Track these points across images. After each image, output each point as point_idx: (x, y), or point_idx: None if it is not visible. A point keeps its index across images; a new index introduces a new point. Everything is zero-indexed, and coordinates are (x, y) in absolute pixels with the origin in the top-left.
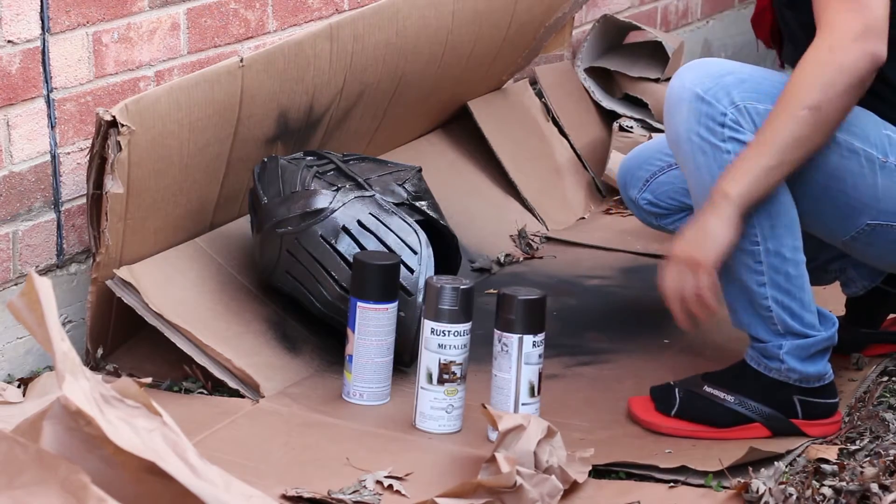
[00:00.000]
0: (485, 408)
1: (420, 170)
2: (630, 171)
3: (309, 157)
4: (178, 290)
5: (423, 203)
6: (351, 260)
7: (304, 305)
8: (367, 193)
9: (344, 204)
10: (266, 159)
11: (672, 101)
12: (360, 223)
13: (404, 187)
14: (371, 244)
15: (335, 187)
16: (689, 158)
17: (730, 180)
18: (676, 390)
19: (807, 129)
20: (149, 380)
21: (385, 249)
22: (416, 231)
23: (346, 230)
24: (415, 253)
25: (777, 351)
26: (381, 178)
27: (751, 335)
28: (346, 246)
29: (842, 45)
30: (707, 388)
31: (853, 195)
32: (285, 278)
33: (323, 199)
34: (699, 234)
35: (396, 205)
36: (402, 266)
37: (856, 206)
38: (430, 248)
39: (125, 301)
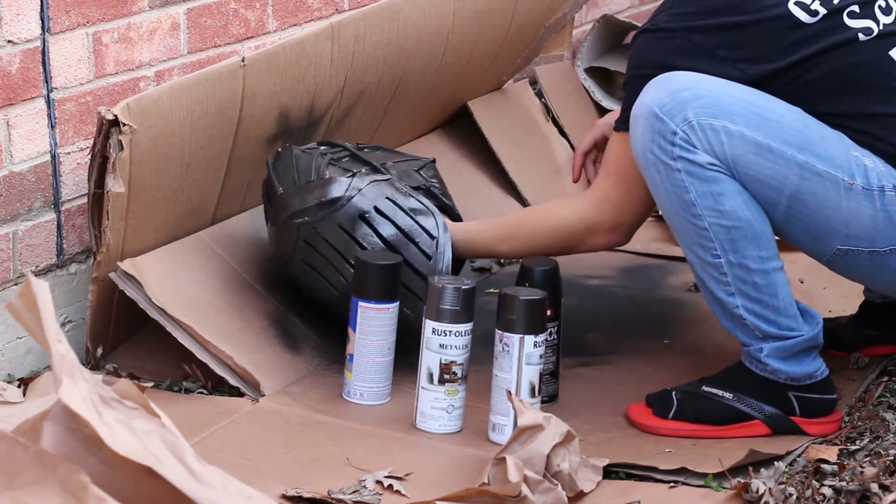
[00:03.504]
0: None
1: (434, 161)
2: None
3: (323, 147)
4: (181, 284)
5: (438, 191)
6: (369, 247)
7: (321, 294)
8: (384, 177)
9: (360, 190)
10: (280, 149)
11: (633, 117)
12: (377, 209)
13: (421, 174)
14: (388, 230)
15: (350, 173)
16: (647, 174)
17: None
18: (674, 394)
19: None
20: (150, 384)
21: (401, 234)
22: (434, 214)
23: (362, 217)
24: (432, 238)
25: (759, 354)
26: (397, 165)
27: (736, 338)
28: (363, 233)
29: (602, 227)
30: (705, 388)
31: (818, 218)
32: (302, 268)
33: (338, 188)
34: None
35: (414, 188)
36: (418, 251)
37: (823, 229)
38: (448, 233)
39: (128, 294)
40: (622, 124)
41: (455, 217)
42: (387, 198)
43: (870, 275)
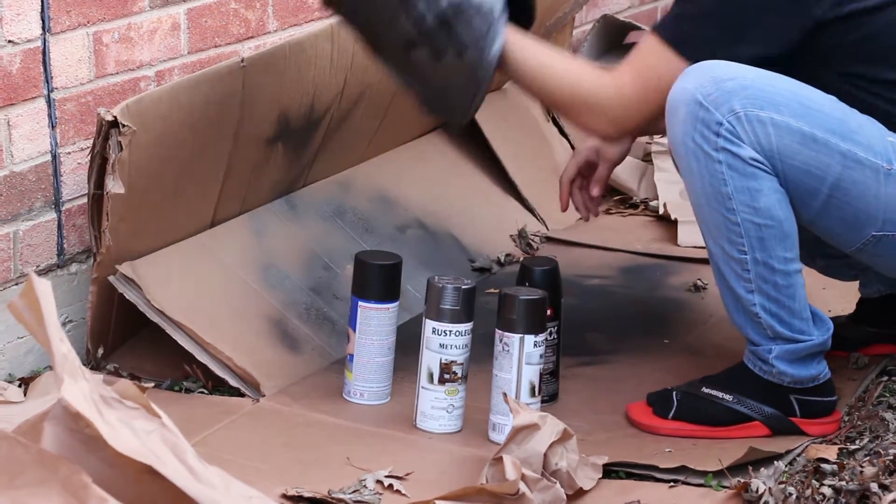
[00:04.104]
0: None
1: None
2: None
3: None
4: (179, 286)
5: None
6: None
7: (381, 31)
8: None
9: None
10: None
11: (672, 103)
12: None
13: None
14: None
15: None
16: (684, 162)
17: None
18: (674, 394)
19: (532, 81)
20: (151, 384)
21: None
22: None
23: None
24: None
25: (767, 355)
26: None
27: (744, 336)
28: None
29: (605, 114)
30: (705, 389)
31: (858, 206)
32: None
33: None
34: None
35: None
36: None
37: (861, 216)
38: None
39: (127, 297)
40: (665, 32)
41: None
42: None
43: None
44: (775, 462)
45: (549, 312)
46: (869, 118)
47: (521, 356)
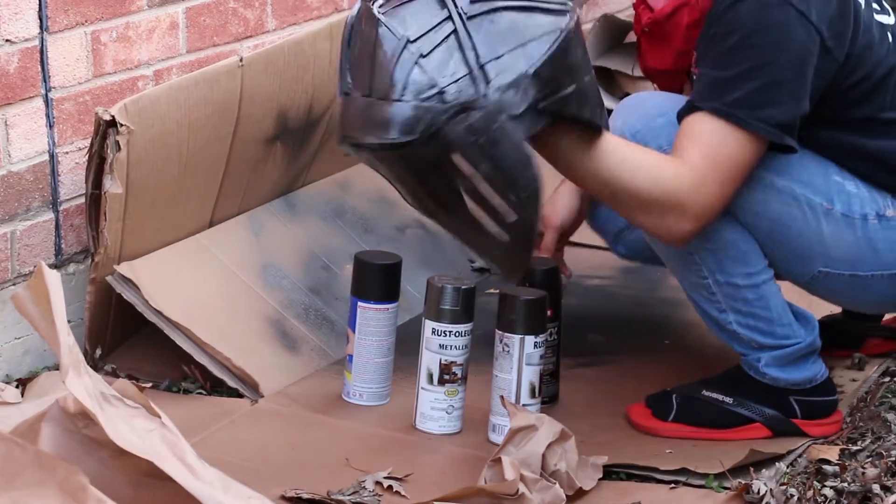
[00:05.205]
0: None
1: (568, 33)
2: (601, 220)
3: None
4: (178, 286)
5: (554, 98)
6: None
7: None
8: (476, 105)
9: (438, 130)
10: (358, 12)
11: None
12: (450, 160)
13: (535, 77)
14: (464, 184)
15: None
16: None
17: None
18: (673, 396)
19: (605, 194)
20: (149, 384)
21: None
22: (534, 172)
23: (435, 165)
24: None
25: (757, 364)
26: (502, 62)
27: (733, 349)
28: (429, 181)
29: (689, 210)
30: (705, 392)
31: (799, 242)
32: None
33: (408, 126)
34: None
35: (514, 118)
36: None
37: (805, 252)
38: (542, 197)
39: (125, 297)
40: (712, 103)
41: (592, 125)
42: (473, 139)
43: (851, 296)
44: (776, 463)
45: (549, 313)
46: (816, 158)
47: (522, 357)
